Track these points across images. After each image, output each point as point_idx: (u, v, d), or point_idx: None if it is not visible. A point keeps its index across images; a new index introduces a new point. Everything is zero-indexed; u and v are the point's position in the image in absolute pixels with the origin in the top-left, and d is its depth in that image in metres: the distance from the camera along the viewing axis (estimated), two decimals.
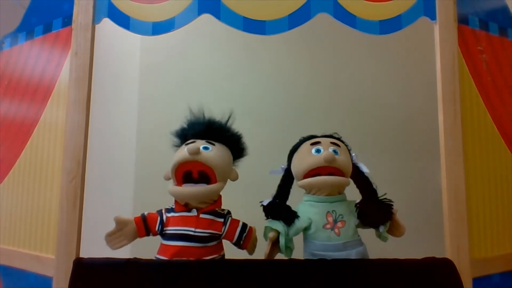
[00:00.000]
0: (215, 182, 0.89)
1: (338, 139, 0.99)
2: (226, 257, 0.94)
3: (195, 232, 0.88)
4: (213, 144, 0.92)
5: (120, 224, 0.90)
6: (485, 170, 1.02)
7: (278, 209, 0.93)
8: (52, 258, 0.95)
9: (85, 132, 0.98)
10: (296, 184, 0.98)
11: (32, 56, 1.11)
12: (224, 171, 0.91)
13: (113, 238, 0.89)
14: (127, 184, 1.43)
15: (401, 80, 1.55)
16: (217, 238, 0.91)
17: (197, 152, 0.87)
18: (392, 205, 0.92)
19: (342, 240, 0.90)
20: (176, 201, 0.92)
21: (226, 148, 0.95)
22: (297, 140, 1.02)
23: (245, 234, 0.92)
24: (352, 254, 0.90)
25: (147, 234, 0.92)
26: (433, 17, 1.00)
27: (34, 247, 1.01)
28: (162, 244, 0.90)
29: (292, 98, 1.52)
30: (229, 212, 0.95)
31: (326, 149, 0.92)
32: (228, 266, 0.90)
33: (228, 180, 0.94)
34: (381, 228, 0.91)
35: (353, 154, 0.97)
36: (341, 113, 1.49)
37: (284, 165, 1.02)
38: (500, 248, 1.01)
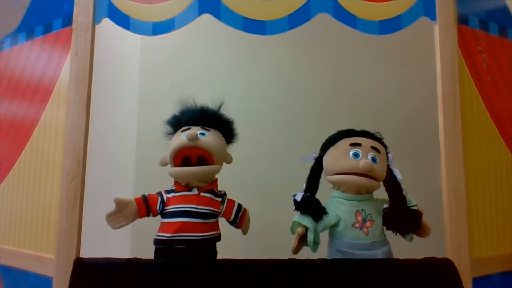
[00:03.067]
0: (213, 165, 0.94)
1: (380, 140, 0.97)
2: (226, 256, 0.94)
3: (196, 208, 0.92)
4: (208, 130, 0.96)
5: (120, 205, 0.91)
6: (485, 170, 1.02)
7: (309, 204, 0.93)
8: (52, 258, 0.95)
9: (85, 132, 0.98)
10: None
11: (32, 56, 1.11)
12: (220, 154, 0.96)
13: (113, 219, 0.91)
14: (127, 184, 1.43)
15: (401, 80, 1.55)
16: (216, 215, 0.96)
17: (195, 138, 0.90)
18: (421, 215, 0.90)
19: (370, 239, 0.90)
20: (176, 183, 0.96)
21: (220, 133, 0.99)
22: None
23: (240, 213, 0.99)
24: (379, 254, 0.90)
25: (147, 215, 0.94)
26: (433, 17, 1.00)
27: (34, 247, 1.01)
28: (163, 223, 0.94)
29: (292, 98, 1.51)
30: (225, 193, 1.00)
31: (365, 155, 0.91)
32: (228, 266, 0.90)
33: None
34: (407, 237, 0.91)
35: (390, 156, 0.96)
36: (341, 113, 1.49)
37: (315, 153, 1.00)
38: (500, 248, 1.01)
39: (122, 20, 1.00)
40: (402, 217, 0.89)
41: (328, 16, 0.97)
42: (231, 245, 0.96)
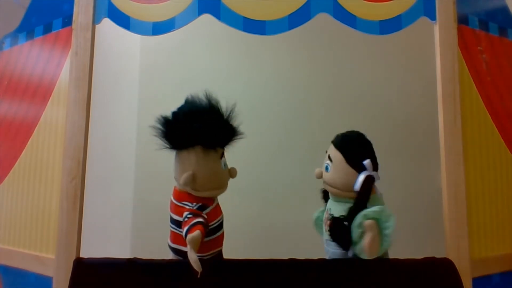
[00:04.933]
0: None
1: (344, 143, 0.95)
2: (226, 256, 0.94)
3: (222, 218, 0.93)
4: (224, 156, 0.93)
5: (196, 245, 0.78)
6: (485, 170, 1.02)
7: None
8: (52, 258, 0.95)
9: (85, 132, 0.98)
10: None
11: (32, 56, 1.11)
12: None
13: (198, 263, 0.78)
14: (127, 184, 1.43)
15: (401, 80, 1.55)
16: None
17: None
18: (344, 236, 0.88)
19: (326, 237, 0.96)
20: (204, 198, 0.89)
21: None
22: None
23: None
24: (328, 253, 0.95)
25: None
26: (433, 17, 1.00)
27: (34, 247, 1.01)
28: (210, 240, 0.88)
29: (292, 98, 1.51)
30: None
31: (324, 163, 0.97)
32: (229, 266, 0.90)
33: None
34: (349, 253, 0.90)
35: (366, 161, 0.91)
36: (341, 113, 1.49)
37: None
38: (500, 248, 1.01)
39: (122, 20, 1.00)
40: (331, 227, 0.90)
41: (328, 16, 0.97)
42: (231, 245, 0.96)
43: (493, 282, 0.98)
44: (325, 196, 1.03)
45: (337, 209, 0.94)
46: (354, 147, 0.94)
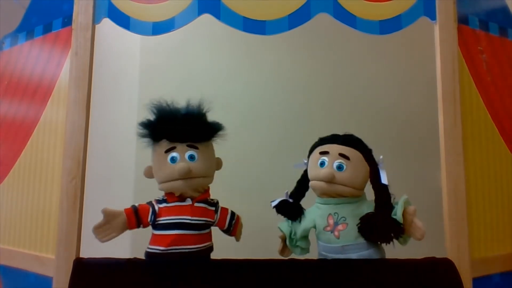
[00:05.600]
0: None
1: (354, 142, 0.95)
2: (226, 256, 0.94)
3: (191, 220, 0.89)
4: (197, 148, 0.90)
5: (108, 216, 0.87)
6: (485, 170, 1.01)
7: (284, 206, 0.98)
8: (52, 258, 0.95)
9: (85, 132, 0.98)
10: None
11: (32, 56, 1.11)
12: (213, 169, 0.95)
13: (101, 231, 0.87)
14: (127, 184, 1.43)
15: (401, 80, 1.55)
16: (210, 225, 0.94)
17: (188, 173, 0.87)
18: (398, 228, 0.86)
19: (341, 243, 0.90)
20: (168, 193, 0.92)
21: (209, 143, 0.94)
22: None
23: (234, 221, 0.97)
24: (353, 258, 0.90)
25: (138, 226, 0.91)
26: (433, 17, 1.00)
27: (34, 247, 1.01)
28: (155, 235, 0.91)
29: (292, 98, 1.51)
30: (218, 202, 0.98)
31: (331, 163, 0.91)
32: (228, 266, 0.90)
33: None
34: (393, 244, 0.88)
35: (381, 157, 0.94)
36: (341, 113, 1.49)
37: (306, 160, 1.01)
38: (500, 248, 1.01)
39: (122, 20, 1.00)
40: (376, 226, 0.87)
41: (328, 16, 0.97)
42: (231, 245, 0.96)
43: (493, 282, 0.98)
44: (288, 211, 0.97)
45: (346, 210, 0.91)
46: (365, 145, 0.96)
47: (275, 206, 0.98)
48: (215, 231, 0.97)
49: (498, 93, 1.07)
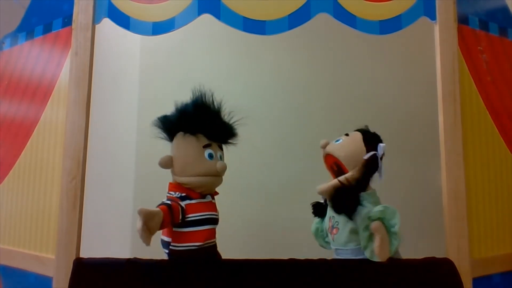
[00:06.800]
0: None
1: (362, 128, 1.00)
2: (226, 256, 0.94)
3: (215, 215, 0.94)
4: (222, 149, 0.96)
5: (146, 216, 0.79)
6: (485, 170, 1.02)
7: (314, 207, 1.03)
8: (52, 258, 0.95)
9: (85, 132, 0.98)
10: None
11: (32, 56, 1.11)
12: None
13: (145, 235, 0.78)
14: (127, 184, 1.43)
15: (401, 80, 1.55)
16: None
17: (225, 170, 0.92)
18: (353, 200, 0.89)
19: (335, 246, 0.96)
20: (190, 190, 0.91)
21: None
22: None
23: None
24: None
25: (169, 225, 0.87)
26: (433, 17, 1.00)
27: (34, 247, 1.01)
28: (188, 232, 0.89)
29: (292, 98, 1.51)
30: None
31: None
32: (229, 266, 0.90)
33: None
34: (367, 253, 0.89)
35: (382, 145, 0.96)
36: (341, 113, 1.49)
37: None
38: (500, 248, 1.01)
39: (122, 20, 1.00)
40: (341, 198, 0.91)
41: (328, 16, 0.97)
42: (232, 245, 0.96)
43: (493, 282, 0.98)
44: (316, 210, 1.02)
45: (340, 215, 0.93)
46: (373, 133, 0.99)
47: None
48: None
49: (498, 93, 1.07)
